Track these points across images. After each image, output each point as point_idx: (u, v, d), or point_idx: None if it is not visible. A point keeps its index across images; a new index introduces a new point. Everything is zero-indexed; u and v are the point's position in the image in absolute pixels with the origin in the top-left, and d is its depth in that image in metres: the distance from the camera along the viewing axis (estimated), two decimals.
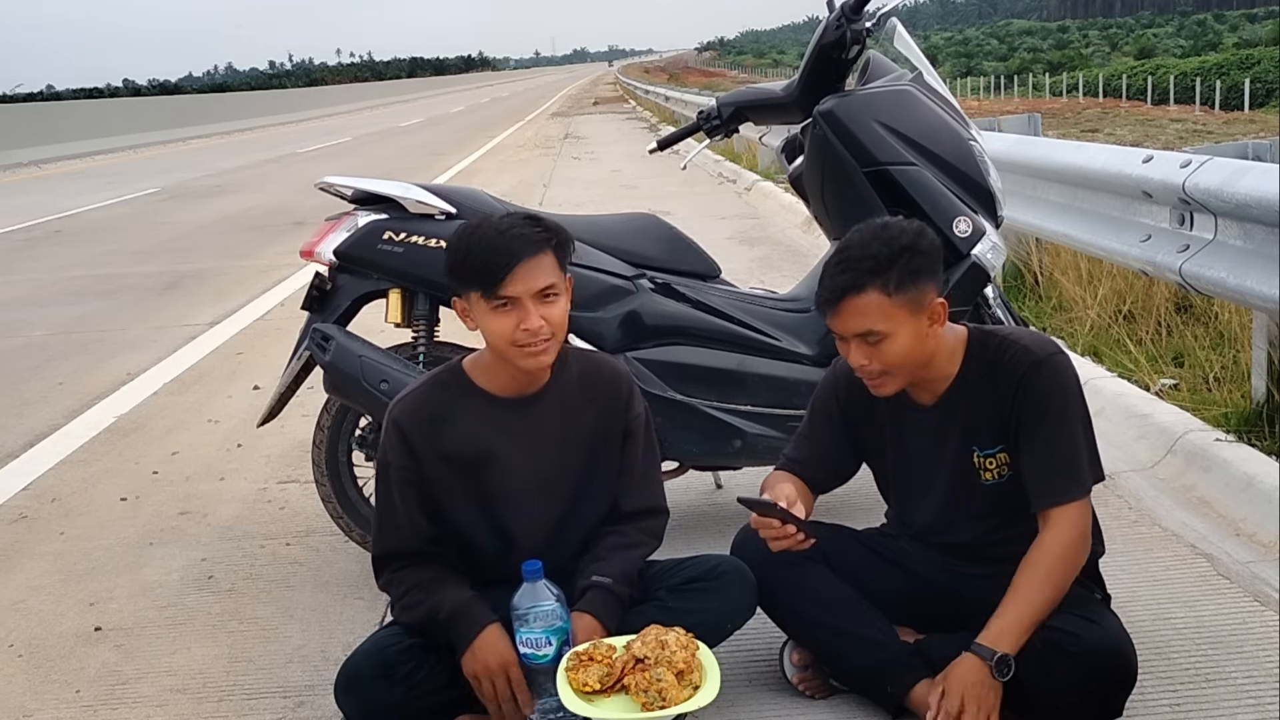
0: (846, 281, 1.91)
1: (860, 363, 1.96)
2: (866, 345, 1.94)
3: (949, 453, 2.06)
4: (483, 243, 1.92)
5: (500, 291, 1.91)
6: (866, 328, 1.92)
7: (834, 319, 1.96)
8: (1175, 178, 3.53)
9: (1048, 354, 1.99)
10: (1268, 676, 2.13)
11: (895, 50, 3.09)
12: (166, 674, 2.44)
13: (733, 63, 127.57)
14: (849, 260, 1.93)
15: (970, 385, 2.03)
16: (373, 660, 1.98)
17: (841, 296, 1.92)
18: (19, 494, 3.65)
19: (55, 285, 7.78)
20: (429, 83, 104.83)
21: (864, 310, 1.91)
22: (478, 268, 1.92)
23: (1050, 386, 1.97)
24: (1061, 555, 1.94)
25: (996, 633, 1.90)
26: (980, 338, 2.05)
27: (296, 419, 3.69)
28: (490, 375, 2.06)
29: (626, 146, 17.59)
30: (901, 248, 1.91)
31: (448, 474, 2.05)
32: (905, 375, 1.99)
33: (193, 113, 34.77)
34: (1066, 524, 1.95)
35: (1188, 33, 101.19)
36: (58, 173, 20.14)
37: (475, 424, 2.05)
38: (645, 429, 2.18)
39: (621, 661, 1.86)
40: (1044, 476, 1.97)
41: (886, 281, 1.90)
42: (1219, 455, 3.06)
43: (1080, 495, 1.97)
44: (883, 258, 1.90)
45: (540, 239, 1.94)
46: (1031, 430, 1.97)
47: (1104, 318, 4.55)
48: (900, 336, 1.92)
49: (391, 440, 2.05)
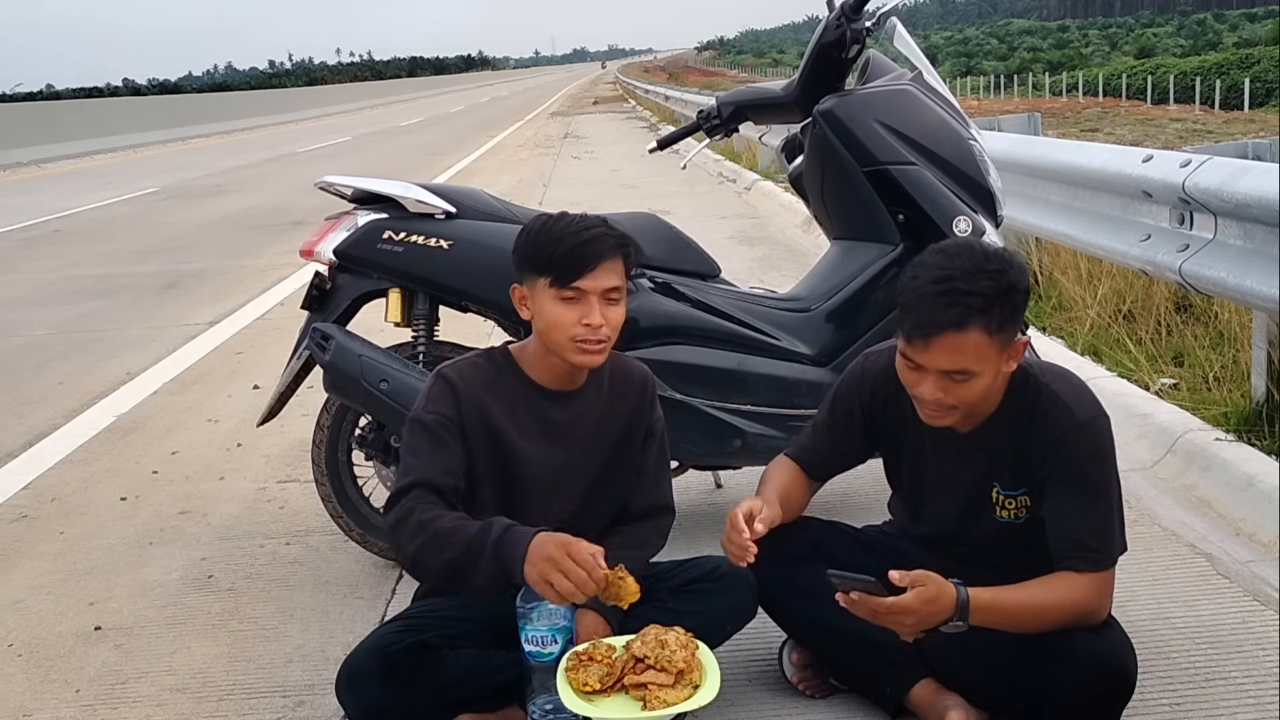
0: (952, 317, 1.77)
1: (934, 396, 1.85)
2: (949, 381, 1.83)
3: (968, 482, 2.02)
4: (568, 234, 1.98)
5: (575, 283, 1.96)
6: (960, 366, 1.81)
7: (925, 352, 1.82)
8: (1175, 177, 3.53)
9: (1090, 417, 1.91)
10: (1268, 676, 2.13)
11: (895, 50, 3.09)
12: (166, 673, 2.44)
13: (732, 62, 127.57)
14: (955, 293, 1.77)
15: (1005, 425, 1.95)
16: (373, 659, 1.97)
17: (942, 331, 1.78)
18: (19, 493, 3.65)
19: (55, 285, 7.78)
20: (429, 82, 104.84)
21: (963, 349, 1.79)
22: (562, 255, 1.96)
23: (1090, 453, 1.90)
24: (1070, 611, 1.87)
25: (977, 594, 1.82)
26: (1022, 380, 1.95)
27: (296, 418, 3.69)
28: (535, 364, 2.09)
29: (626, 146, 17.59)
30: (1009, 285, 1.79)
31: (482, 442, 2.04)
32: (967, 412, 1.90)
33: (192, 112, 34.76)
34: (1089, 588, 1.87)
35: (1188, 32, 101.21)
36: (57, 172, 20.14)
37: (515, 406, 2.07)
38: (662, 432, 2.22)
39: (621, 661, 1.86)
40: (1071, 543, 1.88)
41: (990, 320, 1.78)
42: (1219, 455, 3.06)
43: (1106, 567, 1.90)
44: (990, 295, 1.77)
45: (619, 243, 2.00)
46: (1064, 493, 1.90)
47: (1104, 317, 4.55)
48: (985, 375, 1.83)
49: (440, 394, 2.03)
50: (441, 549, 1.87)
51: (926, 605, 1.78)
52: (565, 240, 1.97)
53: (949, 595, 1.78)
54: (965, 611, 1.79)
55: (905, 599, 1.77)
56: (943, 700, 1.98)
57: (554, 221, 2.02)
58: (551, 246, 1.98)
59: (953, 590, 1.79)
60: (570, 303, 1.97)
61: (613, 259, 1.99)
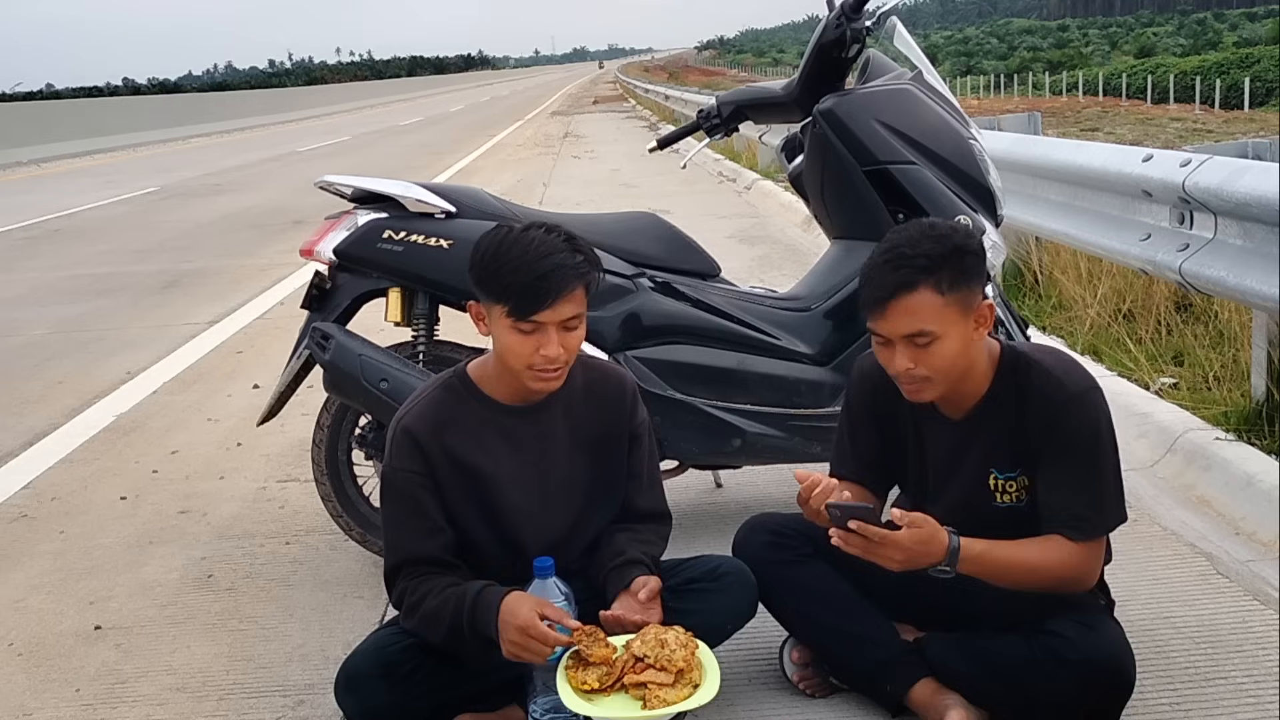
0: (899, 279, 1.84)
1: (905, 366, 1.89)
2: (914, 348, 1.87)
3: (966, 470, 2.03)
4: (522, 264, 1.87)
5: (532, 317, 1.88)
6: (918, 328, 1.85)
7: (882, 320, 1.88)
8: (1175, 177, 3.53)
9: (1082, 389, 1.93)
10: (1268, 675, 2.13)
11: (895, 49, 3.09)
12: (166, 673, 2.44)
13: (732, 61, 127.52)
14: (900, 258, 1.85)
15: (998, 406, 1.97)
16: (373, 659, 1.97)
17: (893, 295, 1.85)
18: (19, 493, 3.65)
19: (55, 284, 7.78)
20: (429, 81, 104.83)
21: (916, 309, 1.84)
22: (515, 290, 1.87)
23: (1084, 424, 1.91)
24: (1058, 575, 1.91)
25: (969, 544, 1.86)
26: (1013, 358, 1.98)
27: (296, 418, 3.69)
28: (496, 383, 2.03)
29: (626, 145, 17.58)
30: (954, 247, 1.86)
31: (458, 482, 2.02)
32: (946, 382, 1.92)
33: (192, 111, 34.77)
34: (1079, 554, 1.91)
35: (1188, 31, 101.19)
36: (57, 171, 20.13)
37: (483, 432, 2.02)
38: (649, 435, 2.19)
39: (621, 661, 1.86)
40: (1063, 512, 1.91)
41: (939, 280, 1.84)
42: (1219, 454, 3.07)
43: (1097, 535, 1.93)
44: (935, 256, 1.84)
45: (579, 272, 1.90)
46: (1058, 464, 1.92)
47: (1104, 317, 4.55)
48: (949, 339, 1.87)
49: (403, 448, 2.00)
50: (436, 629, 1.95)
51: (918, 545, 1.82)
52: (521, 272, 1.86)
53: (941, 541, 1.84)
54: (955, 558, 1.84)
55: (898, 535, 1.82)
56: (943, 700, 1.98)
57: (510, 246, 1.89)
58: (508, 277, 1.87)
59: (946, 537, 1.84)
60: (527, 334, 1.90)
61: (573, 290, 1.89)
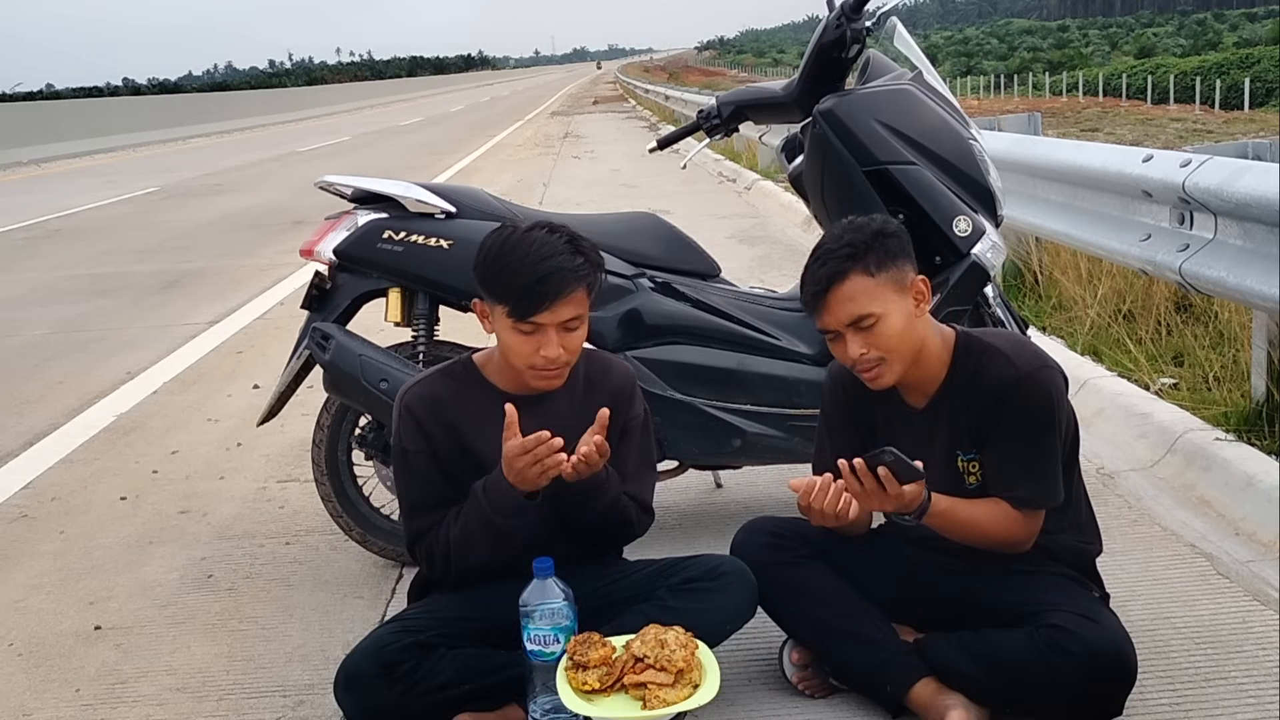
0: (829, 271, 1.97)
1: (857, 352, 1.98)
2: (860, 333, 1.97)
3: (936, 456, 2.06)
4: (522, 266, 1.91)
5: (532, 318, 1.93)
6: (859, 312, 1.95)
7: (824, 313, 1.99)
8: (1175, 177, 3.53)
9: (1031, 369, 2.00)
10: (1268, 676, 2.13)
11: (895, 49, 3.08)
12: (166, 673, 2.44)
13: (733, 62, 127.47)
14: (827, 253, 1.99)
15: (955, 390, 2.06)
16: (372, 659, 1.98)
17: (828, 287, 1.96)
18: (19, 493, 3.65)
19: (55, 284, 7.78)
20: (429, 82, 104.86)
21: (853, 295, 1.95)
22: (515, 291, 1.92)
23: (1030, 403, 1.99)
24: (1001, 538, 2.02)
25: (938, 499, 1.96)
26: (966, 343, 2.07)
27: (296, 418, 3.69)
28: (501, 373, 2.08)
29: (626, 146, 17.59)
30: (874, 231, 1.99)
31: (460, 463, 2.06)
32: (900, 361, 2.00)
33: (192, 112, 34.79)
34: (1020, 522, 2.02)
35: (1188, 32, 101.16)
36: (57, 171, 20.14)
37: (485, 417, 2.04)
38: (642, 430, 2.18)
39: (621, 661, 1.86)
40: (1004, 485, 2.02)
41: (866, 264, 1.96)
42: (1219, 454, 3.07)
43: (1032, 509, 2.02)
44: (858, 243, 1.97)
45: (579, 274, 1.94)
46: (1002, 437, 2.01)
47: (1104, 317, 4.55)
48: (891, 317, 1.96)
49: (405, 425, 2.07)
50: (472, 544, 2.00)
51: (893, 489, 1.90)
52: (522, 274, 1.91)
53: (918, 496, 1.93)
54: (924, 510, 1.95)
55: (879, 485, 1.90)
56: (943, 699, 1.98)
57: (512, 247, 1.94)
58: (508, 278, 1.92)
59: (923, 494, 1.94)
60: (528, 335, 1.94)
61: (573, 292, 1.93)
